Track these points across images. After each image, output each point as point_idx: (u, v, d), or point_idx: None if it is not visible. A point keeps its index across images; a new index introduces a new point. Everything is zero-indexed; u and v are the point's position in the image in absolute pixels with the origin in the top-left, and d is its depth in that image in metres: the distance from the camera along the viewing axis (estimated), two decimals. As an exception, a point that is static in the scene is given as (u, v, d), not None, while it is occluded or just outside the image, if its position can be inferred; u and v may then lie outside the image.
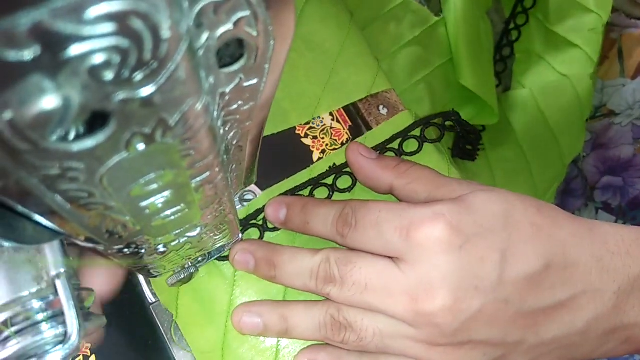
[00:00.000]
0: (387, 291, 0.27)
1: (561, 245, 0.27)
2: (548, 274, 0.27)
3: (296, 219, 0.33)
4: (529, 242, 0.27)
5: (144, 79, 0.11)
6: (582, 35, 0.51)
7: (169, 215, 0.18)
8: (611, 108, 0.59)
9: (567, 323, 0.27)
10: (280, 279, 0.32)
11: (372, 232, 0.28)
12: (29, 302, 0.20)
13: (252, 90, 0.18)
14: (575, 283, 0.27)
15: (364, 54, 0.40)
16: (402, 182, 0.31)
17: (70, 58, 0.09)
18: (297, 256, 0.31)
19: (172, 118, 0.13)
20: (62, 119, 0.10)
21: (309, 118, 0.37)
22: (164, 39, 0.10)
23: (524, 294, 0.27)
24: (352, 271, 0.28)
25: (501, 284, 0.26)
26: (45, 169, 0.12)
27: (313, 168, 0.36)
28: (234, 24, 0.14)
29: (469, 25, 0.47)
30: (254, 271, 0.32)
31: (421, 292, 0.26)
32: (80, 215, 0.15)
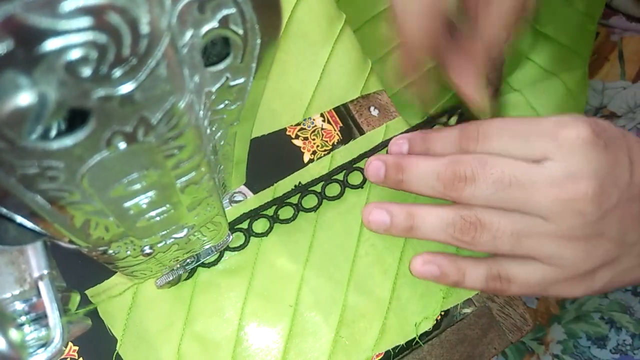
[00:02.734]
0: (534, 186, 0.28)
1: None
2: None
3: (418, 148, 0.34)
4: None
5: (123, 75, 0.11)
6: (570, 33, 0.51)
7: (154, 216, 0.18)
8: (612, 110, 0.59)
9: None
10: (409, 183, 0.32)
11: (510, 140, 0.30)
12: (11, 304, 0.20)
13: (239, 90, 0.18)
14: None
15: (356, 55, 0.40)
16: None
17: (46, 53, 0.09)
18: (426, 160, 0.32)
19: (154, 116, 0.13)
20: (38, 116, 0.10)
21: (300, 119, 0.37)
22: (143, 34, 0.10)
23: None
24: (493, 169, 0.29)
25: (632, 185, 0.28)
26: (23, 167, 0.11)
27: (306, 170, 0.37)
28: (219, 21, 0.14)
29: None
30: (384, 180, 0.33)
31: (569, 183, 0.27)
32: (61, 216, 0.15)
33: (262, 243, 0.34)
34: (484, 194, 0.29)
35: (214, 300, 0.33)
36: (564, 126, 0.28)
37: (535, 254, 0.30)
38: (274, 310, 0.33)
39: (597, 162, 0.28)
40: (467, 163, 0.30)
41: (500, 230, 0.29)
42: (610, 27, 0.59)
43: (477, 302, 0.36)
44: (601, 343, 0.67)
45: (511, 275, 0.31)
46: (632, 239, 0.29)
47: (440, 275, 0.32)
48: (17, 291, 0.20)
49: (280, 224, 0.35)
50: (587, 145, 0.28)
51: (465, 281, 0.32)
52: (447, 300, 0.35)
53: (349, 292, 0.34)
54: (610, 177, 0.28)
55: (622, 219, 0.29)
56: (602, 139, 0.28)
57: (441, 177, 0.30)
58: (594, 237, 0.29)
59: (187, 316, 0.33)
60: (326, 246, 0.35)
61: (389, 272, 0.35)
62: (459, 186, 0.30)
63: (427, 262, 0.32)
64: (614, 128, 0.29)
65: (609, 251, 0.29)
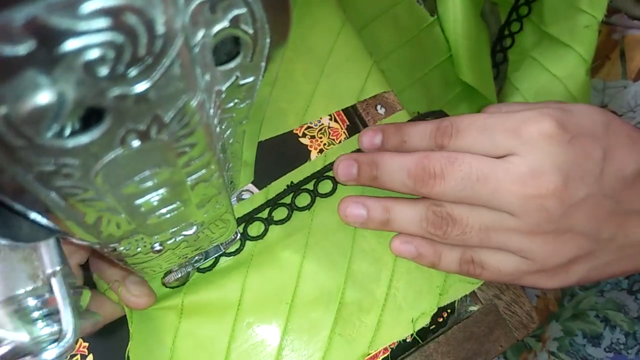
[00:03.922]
0: (499, 182, 0.28)
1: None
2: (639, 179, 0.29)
3: (392, 140, 0.34)
4: (626, 148, 0.29)
5: (138, 74, 0.11)
6: (575, 35, 0.51)
7: (165, 213, 0.18)
8: (613, 109, 0.59)
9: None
10: (382, 179, 0.33)
11: (477, 137, 0.30)
12: (24, 300, 0.20)
13: (249, 89, 0.18)
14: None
15: (355, 58, 0.40)
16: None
17: (65, 53, 0.09)
18: (398, 156, 0.32)
19: (167, 115, 0.13)
20: (56, 114, 0.10)
21: (304, 121, 0.37)
22: (158, 34, 0.10)
23: (619, 193, 0.29)
24: (462, 166, 0.29)
25: (602, 179, 0.28)
26: (40, 165, 0.12)
27: (310, 165, 0.37)
28: (230, 21, 0.14)
29: (468, 21, 0.47)
30: (357, 177, 0.34)
31: (533, 178, 0.28)
32: (75, 212, 0.15)
33: (258, 243, 0.34)
34: (453, 190, 0.30)
35: (208, 297, 0.33)
36: (528, 121, 0.29)
37: (505, 248, 0.30)
38: (270, 307, 0.33)
39: (560, 157, 0.28)
40: (436, 160, 0.30)
41: (469, 225, 0.30)
42: (612, 25, 0.59)
43: (484, 299, 0.37)
44: (596, 341, 0.67)
45: (483, 262, 0.32)
46: (607, 234, 0.29)
47: (417, 255, 0.33)
48: (30, 287, 0.20)
49: (275, 225, 0.35)
50: (550, 140, 0.28)
51: (440, 263, 0.33)
52: (443, 297, 0.35)
53: (345, 289, 0.34)
54: (576, 172, 0.28)
55: (593, 214, 0.29)
56: (568, 133, 0.28)
57: (412, 174, 0.31)
58: (561, 232, 0.29)
59: (182, 312, 0.33)
60: (322, 244, 0.35)
61: (385, 268, 0.35)
62: (429, 183, 0.30)
63: (406, 242, 0.34)
64: (595, 119, 0.29)
65: (582, 246, 0.29)
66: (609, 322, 0.67)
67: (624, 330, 0.66)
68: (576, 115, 0.29)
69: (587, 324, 0.68)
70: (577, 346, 0.67)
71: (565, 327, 0.69)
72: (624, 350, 0.66)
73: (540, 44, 0.54)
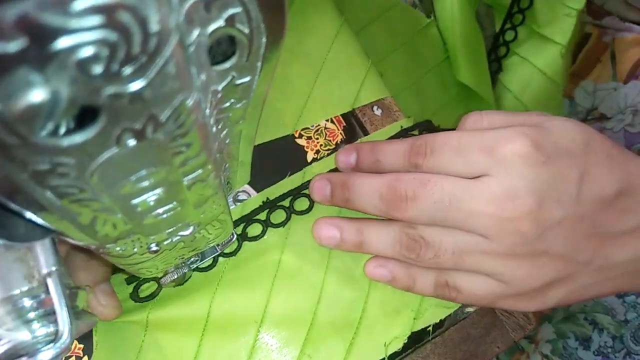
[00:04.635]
0: (472, 204, 0.28)
1: (633, 176, 0.29)
2: (619, 200, 0.28)
3: (367, 160, 0.34)
4: (604, 168, 0.28)
5: (133, 73, 0.11)
6: (555, 25, 0.51)
7: (161, 213, 0.18)
8: (602, 112, 0.59)
9: (634, 249, 0.29)
10: (354, 201, 0.32)
11: (452, 156, 0.29)
12: (20, 301, 0.20)
13: (245, 89, 0.18)
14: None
15: (349, 65, 0.39)
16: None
17: (58, 51, 0.09)
18: (370, 178, 0.31)
19: (163, 114, 0.13)
20: (50, 112, 0.10)
21: (299, 126, 0.37)
22: (152, 32, 0.10)
23: (597, 214, 0.28)
24: (434, 188, 0.29)
25: (579, 201, 0.27)
26: (34, 164, 0.12)
27: (310, 169, 0.37)
28: (226, 20, 0.14)
29: (465, 21, 0.47)
30: (331, 199, 0.33)
31: (507, 201, 0.27)
32: (71, 212, 0.15)
33: (230, 259, 0.34)
34: (426, 213, 0.29)
35: (176, 313, 0.32)
36: (502, 141, 0.28)
37: (480, 271, 0.30)
38: (238, 325, 0.32)
39: (535, 178, 0.27)
40: (407, 182, 0.29)
41: (442, 248, 0.29)
42: (603, 27, 0.59)
43: (481, 300, 0.37)
44: (586, 344, 0.67)
45: (458, 285, 0.31)
46: (585, 257, 0.29)
47: (392, 279, 0.33)
48: (26, 287, 0.20)
49: (249, 241, 0.34)
50: (524, 161, 0.27)
51: (415, 286, 0.32)
52: (417, 321, 0.34)
53: (318, 310, 0.33)
54: (551, 193, 0.27)
55: (569, 236, 0.28)
56: (543, 153, 0.27)
57: (384, 197, 0.30)
58: (536, 255, 0.28)
59: (147, 326, 0.32)
60: (296, 262, 0.34)
61: (360, 289, 0.34)
62: (401, 206, 0.29)
63: (380, 265, 0.33)
64: (573, 137, 0.28)
65: (559, 269, 0.29)
66: (597, 325, 0.68)
67: (611, 334, 0.66)
68: (553, 133, 0.28)
69: (577, 327, 0.68)
70: (570, 349, 0.67)
71: (557, 329, 0.69)
72: (611, 354, 0.66)
73: (526, 40, 0.54)
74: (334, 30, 0.40)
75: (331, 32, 0.40)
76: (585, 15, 0.59)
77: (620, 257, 0.29)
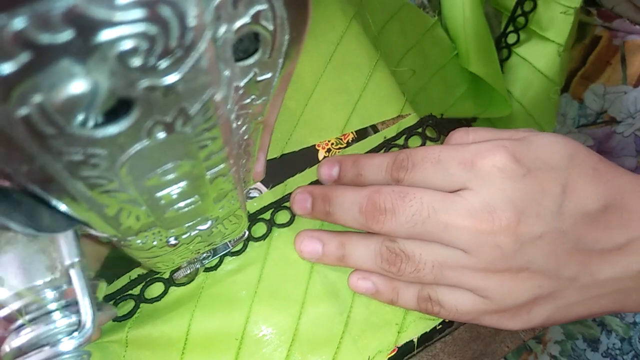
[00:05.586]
0: (451, 217, 0.27)
1: (619, 191, 0.28)
2: (605, 215, 0.28)
3: (349, 173, 0.34)
4: (590, 182, 0.28)
5: (168, 66, 0.11)
6: (553, 24, 0.51)
7: (183, 207, 0.19)
8: (612, 115, 0.59)
9: (622, 266, 0.28)
10: (335, 214, 0.32)
11: (432, 169, 0.29)
12: (42, 291, 0.20)
13: (265, 85, 0.19)
14: (631, 228, 0.28)
15: (341, 90, 0.39)
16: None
17: (101, 43, 0.10)
18: (350, 191, 0.31)
19: (193, 107, 0.13)
20: (89, 104, 0.11)
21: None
22: (190, 27, 0.11)
23: (581, 229, 0.27)
24: (412, 201, 0.28)
25: (561, 215, 0.27)
26: (69, 154, 0.12)
27: (287, 183, 0.36)
28: (252, 17, 0.14)
29: (475, 15, 0.48)
30: (312, 211, 0.33)
31: (485, 215, 0.27)
32: (99, 203, 0.15)
33: (210, 274, 0.33)
34: (405, 226, 0.29)
35: (155, 331, 0.32)
36: (482, 154, 0.28)
37: (461, 285, 0.29)
38: (219, 342, 0.32)
39: (514, 192, 0.27)
40: (386, 195, 0.29)
41: (422, 262, 0.29)
42: (613, 30, 0.59)
43: (490, 299, 0.37)
44: (594, 346, 0.67)
45: (440, 300, 0.30)
46: (569, 273, 0.28)
47: (375, 292, 0.32)
48: (49, 278, 0.21)
49: (230, 256, 0.34)
50: (503, 175, 0.27)
51: (398, 300, 0.32)
52: (402, 335, 0.33)
53: (300, 324, 0.33)
54: (531, 208, 0.27)
55: (551, 251, 0.27)
56: (523, 166, 0.27)
57: (363, 210, 0.30)
58: (516, 271, 0.28)
59: (127, 345, 0.32)
60: (277, 276, 0.34)
61: (343, 303, 0.34)
62: (380, 219, 0.29)
63: (363, 278, 0.32)
64: (557, 150, 0.28)
65: (541, 285, 0.28)
66: (605, 327, 0.67)
67: (619, 336, 0.66)
68: (536, 147, 0.28)
69: (585, 328, 0.68)
70: (578, 351, 0.67)
71: (566, 330, 0.69)
72: (619, 356, 0.66)
73: (525, 41, 0.54)
74: (327, 55, 0.40)
75: (326, 57, 0.39)
76: (595, 17, 0.59)
77: (606, 274, 0.28)
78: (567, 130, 0.61)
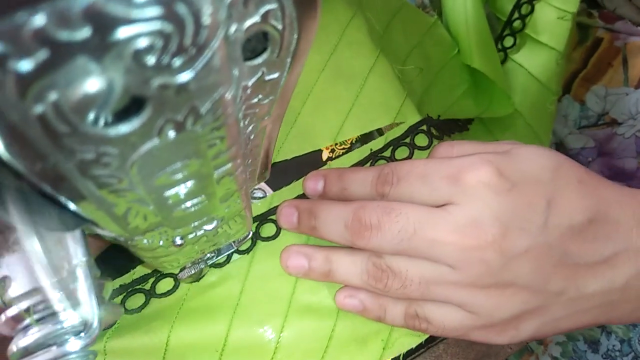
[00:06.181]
0: (437, 233, 0.27)
1: (605, 204, 0.28)
2: (590, 228, 0.28)
3: (334, 187, 0.33)
4: (574, 195, 0.28)
5: (182, 64, 0.11)
6: (548, 29, 0.51)
7: (190, 206, 0.19)
8: (614, 116, 0.59)
9: (608, 279, 0.28)
10: (320, 229, 0.31)
11: (417, 184, 0.29)
12: (49, 291, 0.20)
13: (273, 85, 0.19)
14: (617, 240, 0.28)
15: (333, 99, 0.38)
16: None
17: (117, 41, 0.10)
18: (336, 206, 0.31)
19: (204, 106, 0.13)
20: (103, 102, 0.11)
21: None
22: (204, 25, 0.11)
23: (567, 243, 0.27)
24: (398, 217, 0.28)
25: (546, 229, 0.27)
26: (82, 152, 0.12)
27: (274, 195, 0.36)
28: (262, 16, 0.14)
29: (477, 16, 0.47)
30: (298, 226, 0.33)
31: (471, 229, 0.27)
32: (108, 202, 0.15)
33: (192, 286, 0.33)
34: (391, 242, 0.28)
35: (134, 342, 0.32)
36: (466, 169, 0.28)
37: (448, 301, 0.29)
38: (198, 354, 0.32)
39: (499, 207, 0.27)
40: (372, 210, 0.29)
41: (408, 278, 0.29)
42: (615, 32, 0.59)
43: (493, 300, 0.37)
44: (595, 347, 0.67)
45: (428, 316, 0.30)
46: (556, 287, 0.28)
47: (363, 309, 0.32)
48: (55, 278, 0.21)
49: (214, 267, 0.34)
50: (488, 189, 0.27)
51: (386, 317, 0.32)
52: (387, 351, 0.33)
53: (282, 337, 0.32)
54: (516, 222, 0.27)
55: (537, 266, 0.27)
56: (508, 181, 0.27)
57: (348, 225, 0.30)
58: (503, 286, 0.28)
59: (105, 355, 0.31)
60: (260, 289, 0.33)
61: (328, 317, 0.33)
62: (365, 235, 0.29)
63: (350, 295, 0.32)
64: (541, 164, 0.28)
65: (528, 300, 0.28)
66: (605, 329, 0.67)
67: (619, 337, 0.66)
68: (520, 160, 0.28)
69: (586, 330, 0.68)
70: (579, 352, 0.67)
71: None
72: (619, 357, 0.66)
73: (521, 46, 0.54)
74: (321, 65, 0.39)
75: (319, 66, 0.39)
76: (597, 19, 0.60)
77: (593, 287, 0.28)
78: (568, 131, 0.61)
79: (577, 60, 0.61)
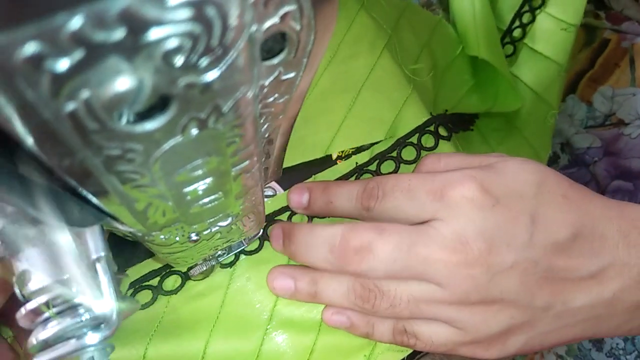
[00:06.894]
0: (427, 252, 0.27)
1: (590, 218, 0.28)
2: (576, 243, 0.28)
3: (319, 200, 0.33)
4: (559, 210, 0.28)
5: (208, 64, 0.11)
6: (550, 40, 0.50)
7: (207, 202, 0.19)
8: (620, 117, 0.59)
9: (595, 293, 0.28)
10: (299, 255, 0.31)
11: (402, 200, 0.29)
12: (68, 285, 0.21)
13: (289, 84, 0.19)
14: (603, 255, 0.28)
15: (325, 111, 0.38)
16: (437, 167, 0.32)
17: (149, 42, 0.10)
18: (318, 229, 0.30)
19: (226, 105, 0.13)
20: (133, 101, 0.11)
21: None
22: (231, 26, 0.11)
23: (552, 259, 0.27)
24: (390, 237, 0.28)
25: (531, 245, 0.27)
26: (109, 149, 0.12)
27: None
28: (281, 17, 0.15)
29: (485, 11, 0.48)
30: (283, 249, 0.33)
31: (457, 245, 0.27)
32: (129, 198, 0.15)
33: (172, 298, 0.33)
34: (382, 266, 0.28)
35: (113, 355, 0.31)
36: (450, 185, 0.28)
37: (436, 318, 0.29)
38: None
39: (484, 223, 0.27)
40: (362, 233, 0.28)
41: (397, 298, 0.29)
42: (622, 32, 0.59)
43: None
44: (599, 346, 0.67)
45: (416, 332, 0.30)
46: (542, 302, 0.28)
47: (350, 326, 0.32)
48: (79, 271, 0.21)
49: (193, 281, 0.33)
50: (472, 205, 0.27)
51: (374, 333, 0.32)
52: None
53: (262, 351, 0.32)
54: (501, 238, 0.27)
55: (523, 281, 0.27)
56: (492, 196, 0.27)
57: (335, 250, 0.29)
58: (490, 301, 0.28)
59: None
60: (240, 303, 0.33)
61: (310, 331, 0.33)
62: (355, 259, 0.28)
63: (337, 312, 0.32)
64: (526, 179, 0.28)
65: (514, 316, 0.28)
66: (608, 327, 0.68)
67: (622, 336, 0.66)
68: (505, 175, 0.28)
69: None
70: (584, 351, 0.68)
71: (572, 330, 0.69)
72: (622, 356, 0.66)
73: (519, 56, 0.54)
74: (315, 78, 0.39)
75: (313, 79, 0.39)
76: (604, 20, 0.60)
77: (579, 302, 0.28)
78: (574, 131, 0.61)
79: (583, 61, 0.61)
